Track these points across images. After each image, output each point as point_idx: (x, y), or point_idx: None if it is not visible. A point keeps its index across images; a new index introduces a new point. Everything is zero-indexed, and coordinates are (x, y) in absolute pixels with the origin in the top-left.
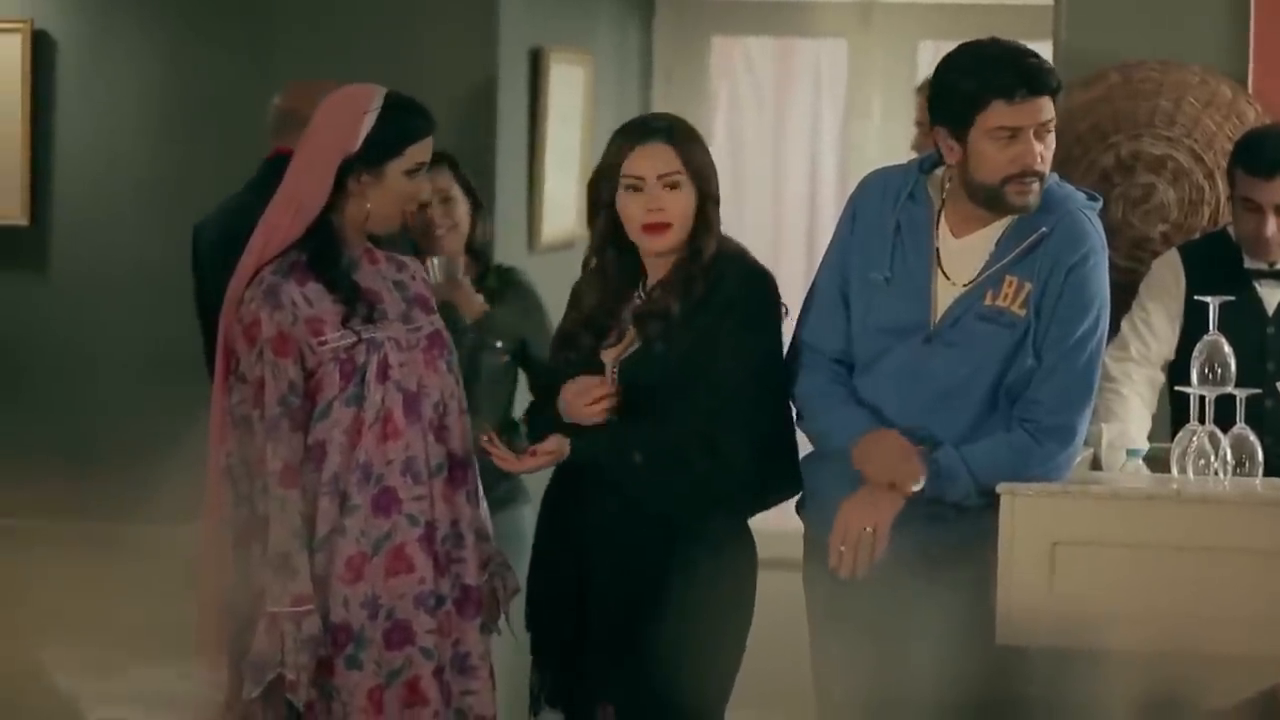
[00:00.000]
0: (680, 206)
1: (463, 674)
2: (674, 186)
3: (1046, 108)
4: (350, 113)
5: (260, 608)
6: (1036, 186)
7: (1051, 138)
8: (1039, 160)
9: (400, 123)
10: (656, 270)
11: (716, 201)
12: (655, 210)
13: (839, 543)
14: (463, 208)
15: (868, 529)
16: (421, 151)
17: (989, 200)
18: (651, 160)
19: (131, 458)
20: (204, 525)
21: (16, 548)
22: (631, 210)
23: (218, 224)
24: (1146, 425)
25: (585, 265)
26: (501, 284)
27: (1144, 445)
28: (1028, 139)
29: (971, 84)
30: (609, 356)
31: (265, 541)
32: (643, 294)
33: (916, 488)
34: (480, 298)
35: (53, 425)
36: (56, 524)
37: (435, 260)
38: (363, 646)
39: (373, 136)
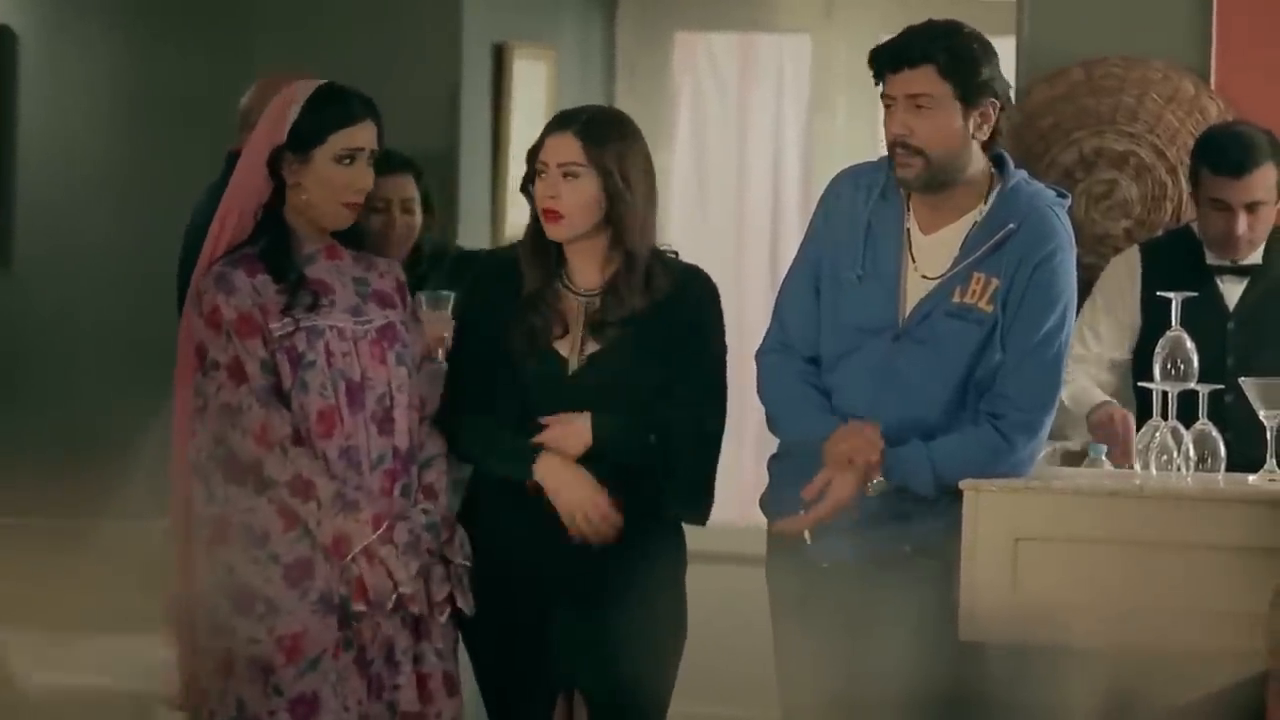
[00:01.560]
0: (576, 198)
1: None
2: (572, 176)
3: (914, 80)
4: (280, 106)
5: (343, 555)
6: (916, 161)
7: (928, 114)
8: (901, 129)
9: (324, 111)
10: (576, 260)
11: (625, 200)
12: (549, 197)
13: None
14: (420, 216)
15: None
16: (350, 137)
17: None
18: (555, 149)
19: (97, 452)
20: (171, 522)
21: None
22: (537, 193)
23: (188, 222)
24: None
25: (522, 244)
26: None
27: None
28: (895, 111)
29: (869, 60)
30: (566, 349)
31: (254, 538)
32: (567, 283)
33: (876, 475)
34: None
35: (16, 419)
36: (22, 520)
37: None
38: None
39: (297, 126)
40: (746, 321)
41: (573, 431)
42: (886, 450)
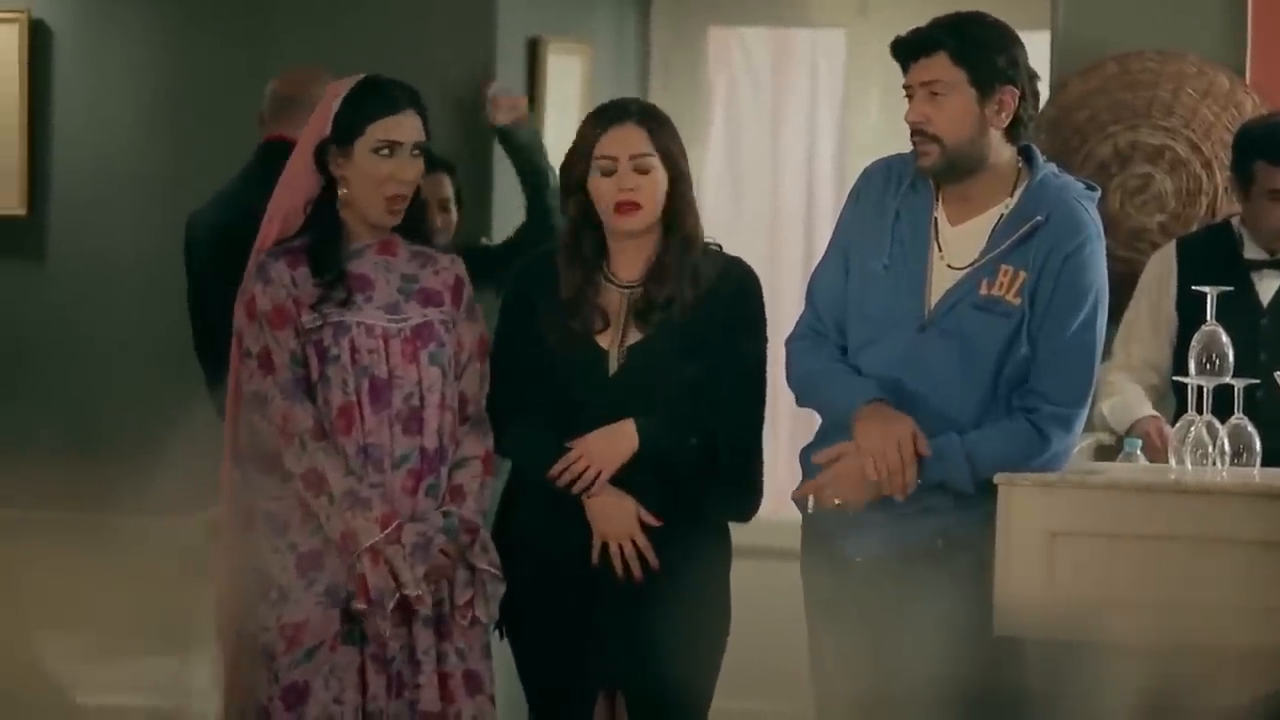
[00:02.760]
0: (651, 188)
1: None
2: (645, 170)
3: (929, 68)
4: (326, 100)
5: (352, 551)
6: (932, 148)
7: (942, 101)
8: (917, 116)
9: (364, 102)
10: (625, 254)
11: (689, 183)
12: (626, 190)
13: (872, 472)
14: (456, 214)
15: (894, 444)
16: (388, 129)
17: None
18: (624, 141)
19: (129, 449)
20: (220, 511)
21: (14, 538)
22: (603, 191)
23: (209, 214)
24: (1149, 403)
25: (563, 246)
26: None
27: (1149, 410)
28: (914, 99)
29: (890, 51)
30: (607, 342)
31: (274, 527)
32: (609, 277)
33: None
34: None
35: (50, 416)
36: (54, 515)
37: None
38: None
39: (339, 118)
40: (781, 317)
41: (620, 436)
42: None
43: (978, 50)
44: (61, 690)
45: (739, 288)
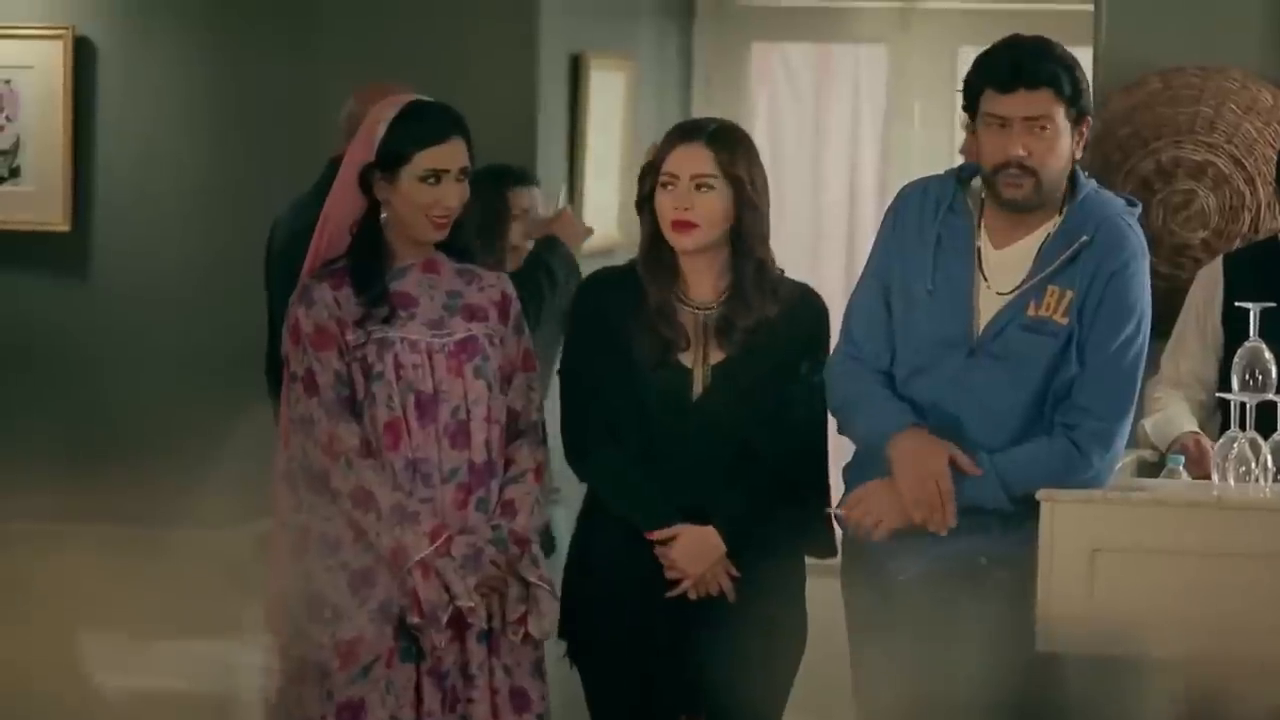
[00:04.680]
0: (709, 208)
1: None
2: (706, 187)
3: (1036, 102)
4: (371, 123)
5: (401, 566)
6: (1027, 183)
7: (1048, 136)
8: (1021, 150)
9: (410, 130)
10: (694, 274)
11: (758, 207)
12: (682, 209)
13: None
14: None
15: (932, 483)
16: (435, 158)
17: (991, 193)
18: (686, 160)
19: (173, 463)
20: (271, 531)
21: (55, 551)
22: (663, 206)
23: (285, 224)
24: (1193, 419)
25: (642, 259)
26: None
27: (1194, 426)
28: (1014, 131)
29: (975, 72)
30: (690, 361)
31: (327, 546)
32: (680, 296)
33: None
34: (584, 223)
35: (95, 430)
36: (96, 528)
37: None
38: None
39: (384, 145)
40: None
41: (706, 545)
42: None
43: (1077, 87)
44: (106, 702)
45: (815, 315)
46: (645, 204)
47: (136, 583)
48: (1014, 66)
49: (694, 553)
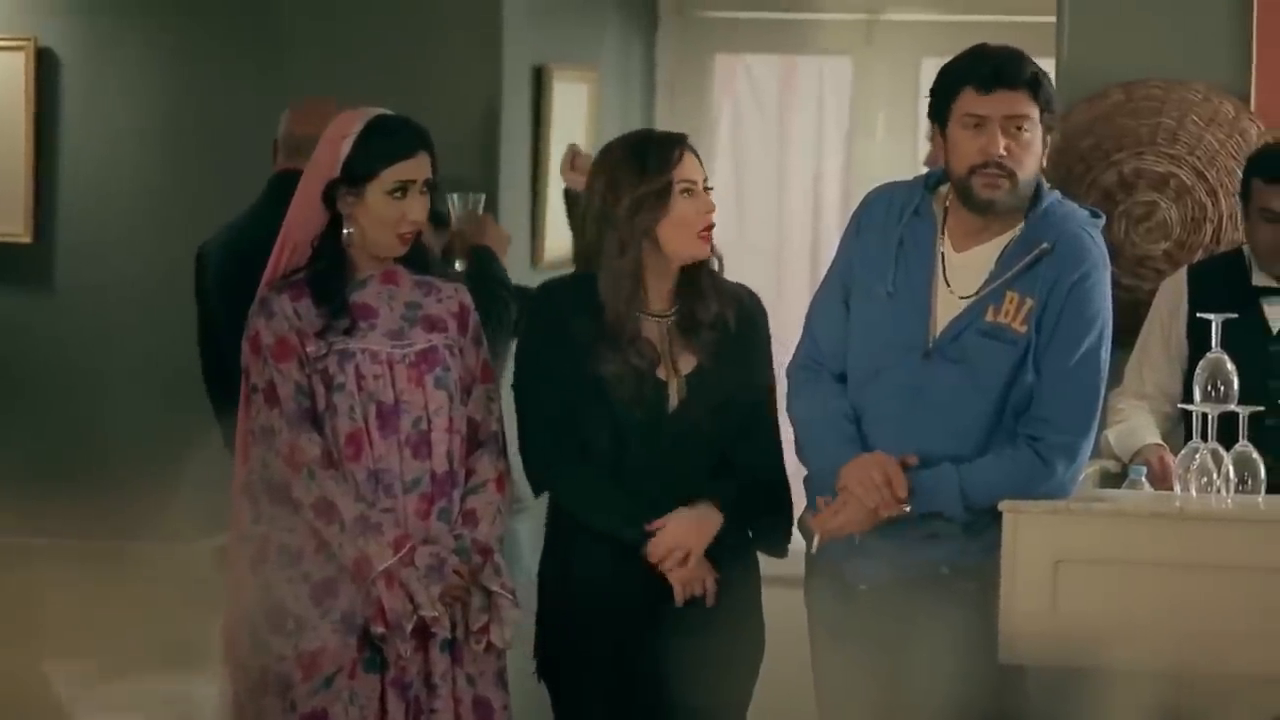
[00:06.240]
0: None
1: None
2: (709, 190)
3: (1016, 102)
4: (333, 138)
5: (366, 576)
6: (1005, 183)
7: (1026, 137)
8: (1003, 151)
9: (376, 145)
10: (654, 285)
11: None
12: (707, 213)
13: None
14: None
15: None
16: (402, 171)
17: (963, 196)
18: (695, 166)
19: (136, 475)
20: (228, 540)
21: (20, 565)
22: (686, 215)
23: (222, 244)
24: (1156, 430)
25: (609, 271)
26: None
27: (1157, 438)
28: (994, 130)
29: (949, 74)
30: (664, 374)
31: (288, 557)
32: (641, 308)
33: (900, 510)
34: (503, 229)
35: (56, 443)
36: (60, 542)
37: (453, 197)
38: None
39: (349, 160)
40: (787, 344)
41: (706, 522)
42: (913, 475)
43: (1048, 94)
44: (68, 717)
45: (758, 312)
46: (636, 216)
47: (100, 597)
48: (994, 67)
49: (690, 527)
